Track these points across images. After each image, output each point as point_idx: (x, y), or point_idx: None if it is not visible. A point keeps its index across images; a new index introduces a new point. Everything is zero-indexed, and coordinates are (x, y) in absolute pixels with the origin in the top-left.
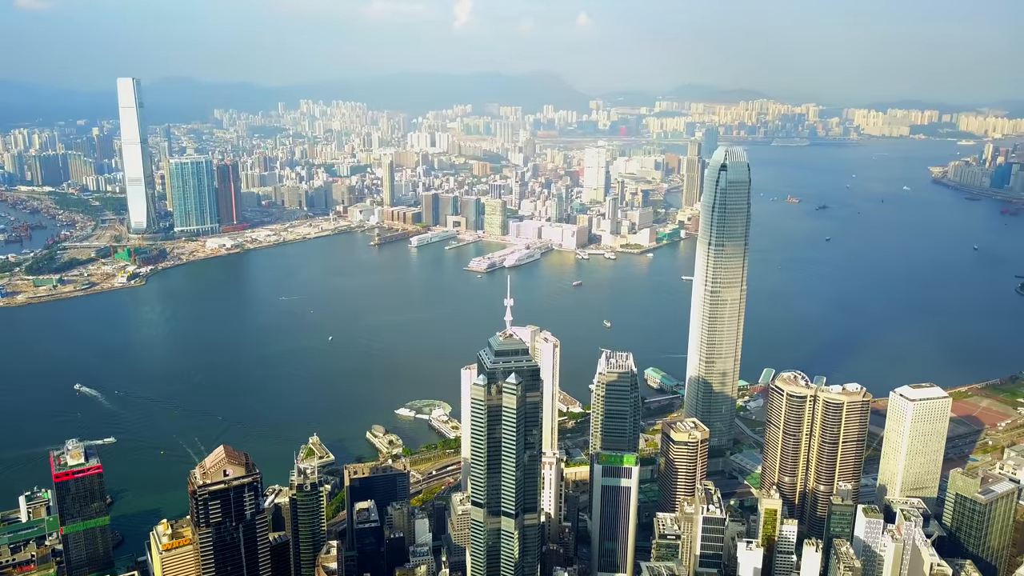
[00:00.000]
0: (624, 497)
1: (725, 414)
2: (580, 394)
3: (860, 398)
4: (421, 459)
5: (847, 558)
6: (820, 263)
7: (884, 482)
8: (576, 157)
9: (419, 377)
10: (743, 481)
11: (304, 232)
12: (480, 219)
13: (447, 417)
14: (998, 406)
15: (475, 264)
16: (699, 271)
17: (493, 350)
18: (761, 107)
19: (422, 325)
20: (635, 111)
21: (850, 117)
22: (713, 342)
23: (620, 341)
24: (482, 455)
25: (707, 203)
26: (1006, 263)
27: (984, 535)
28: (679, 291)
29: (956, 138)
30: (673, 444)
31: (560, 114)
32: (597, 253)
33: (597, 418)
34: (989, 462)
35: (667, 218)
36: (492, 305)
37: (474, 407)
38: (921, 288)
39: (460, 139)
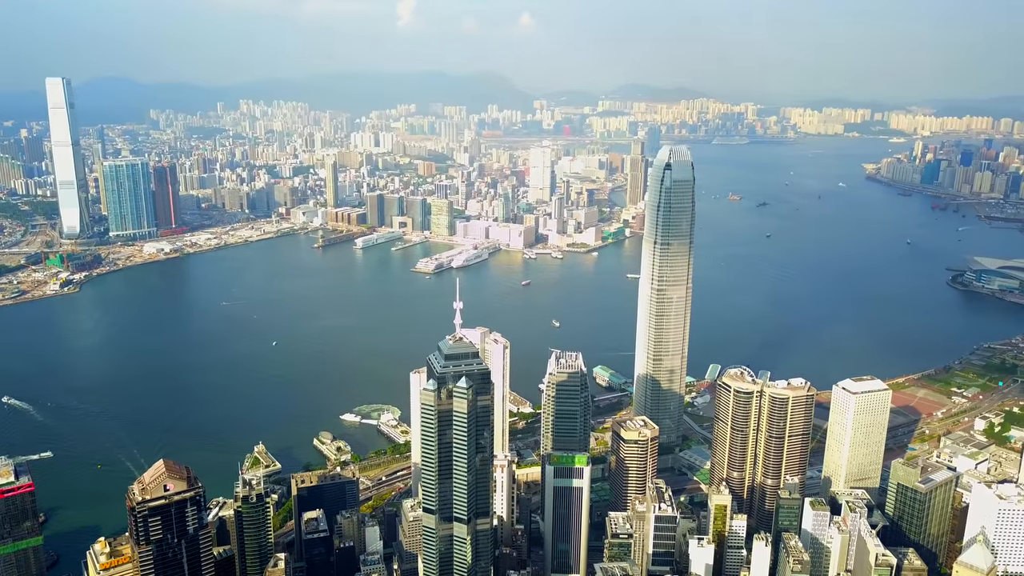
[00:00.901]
0: (576, 497)
1: (673, 411)
2: (530, 394)
3: (804, 392)
4: (370, 465)
5: (796, 552)
6: (761, 259)
7: (829, 474)
8: (521, 157)
9: (367, 381)
10: (692, 477)
11: (246, 235)
12: (426, 219)
13: (396, 422)
14: (934, 396)
15: (422, 265)
16: (645, 269)
17: (443, 354)
18: (702, 106)
19: (369, 328)
20: (579, 111)
21: (787, 116)
22: (660, 340)
23: (569, 340)
24: (433, 460)
25: (652, 202)
26: (937, 257)
27: (925, 523)
28: (625, 289)
29: (888, 136)
30: (624, 443)
31: (505, 114)
32: (545, 253)
33: (548, 418)
34: (927, 451)
35: (612, 217)
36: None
37: (424, 412)
38: (858, 282)
39: (405, 139)
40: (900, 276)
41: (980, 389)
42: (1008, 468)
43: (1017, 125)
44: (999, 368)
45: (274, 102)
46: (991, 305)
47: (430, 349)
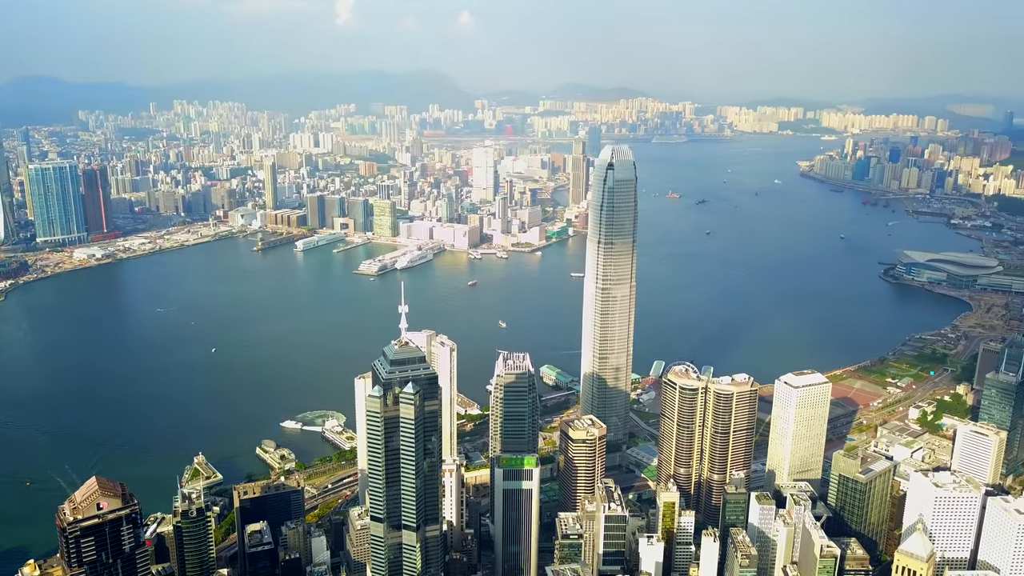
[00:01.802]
0: (526, 499)
1: (620, 408)
2: (478, 396)
3: (748, 388)
4: (316, 473)
5: (743, 546)
6: (702, 256)
7: (773, 467)
8: (464, 156)
9: (311, 387)
10: (640, 474)
11: (182, 239)
12: (369, 220)
13: (341, 428)
14: (870, 387)
15: (365, 267)
16: (590, 269)
17: (388, 359)
18: (641, 105)
19: (312, 332)
20: (520, 110)
21: (724, 114)
22: (606, 338)
23: (516, 340)
24: (380, 467)
25: (595, 202)
26: (869, 251)
27: (865, 512)
28: (570, 288)
29: (820, 134)
30: (572, 443)
31: (446, 113)
32: (489, 253)
33: (496, 420)
34: (865, 441)
35: (555, 216)
36: (385, 309)
37: (370, 419)
38: (796, 276)
39: (345, 139)
40: (835, 270)
41: (913, 379)
42: (941, 455)
43: (940, 123)
44: (930, 358)
45: (209, 102)
46: (921, 297)
47: (375, 353)
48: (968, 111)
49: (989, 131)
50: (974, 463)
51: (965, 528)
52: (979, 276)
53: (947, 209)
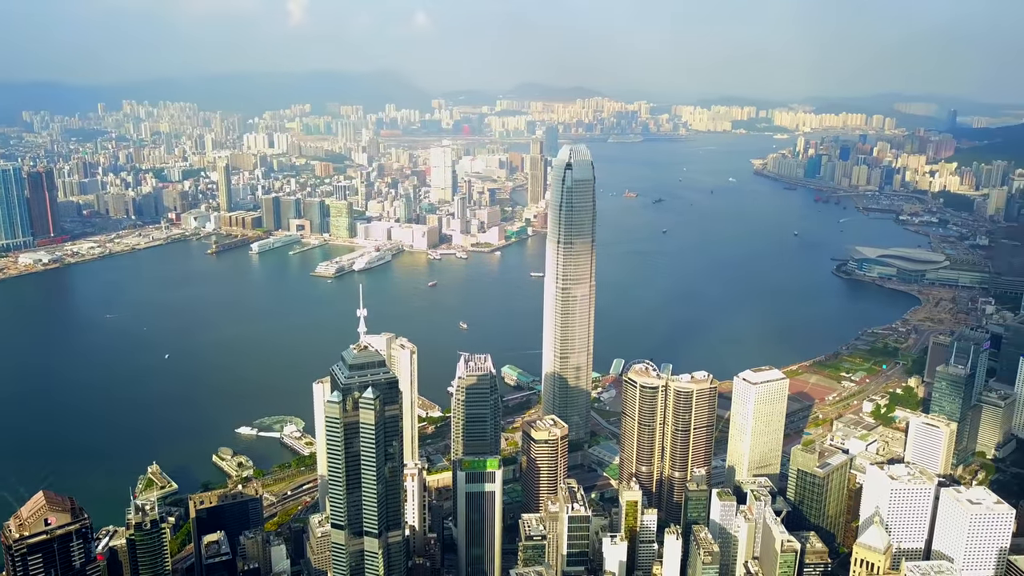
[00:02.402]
0: (489, 502)
1: (581, 407)
2: (439, 398)
3: (708, 385)
4: (274, 480)
5: (706, 543)
6: (659, 254)
7: (732, 463)
8: (422, 156)
9: (268, 393)
10: (602, 473)
11: (133, 243)
12: (325, 221)
13: (300, 433)
14: (825, 381)
15: (322, 269)
16: (550, 268)
17: (347, 364)
18: (597, 105)
19: (269, 336)
20: (477, 110)
21: (678, 114)
22: (566, 338)
23: (476, 341)
24: (340, 474)
25: (554, 202)
26: (822, 247)
27: (823, 506)
28: (530, 288)
29: (772, 132)
30: (534, 443)
31: (403, 113)
32: (449, 253)
33: (458, 423)
34: (821, 435)
35: (514, 216)
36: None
37: (329, 425)
38: (751, 273)
39: (300, 139)
40: (789, 266)
41: (866, 373)
42: (895, 447)
43: (888, 121)
44: (882, 352)
45: (160, 102)
46: (872, 292)
47: (333, 356)
48: (913, 110)
49: (934, 129)
50: (926, 454)
51: (919, 519)
52: (927, 271)
53: (895, 206)
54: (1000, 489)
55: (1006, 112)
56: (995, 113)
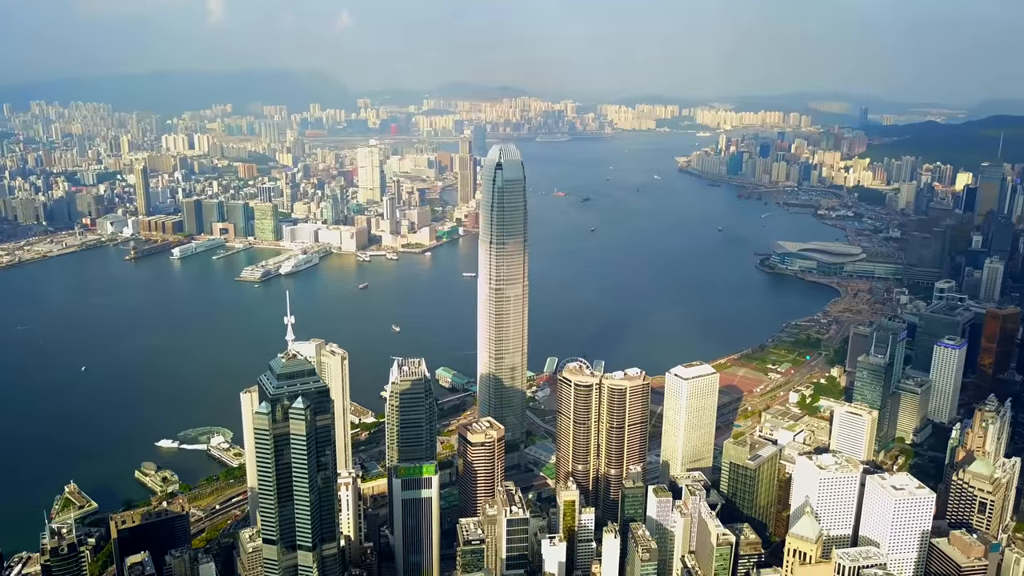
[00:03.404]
0: (426, 508)
1: (517, 408)
2: (372, 403)
3: (641, 382)
4: (202, 494)
5: (643, 540)
6: (588, 252)
7: (667, 458)
8: (348, 156)
9: (194, 403)
10: (539, 473)
11: (44, 250)
12: (250, 224)
13: (228, 444)
14: (752, 374)
15: (248, 273)
16: (483, 269)
17: (275, 374)
18: (524, 104)
19: (193, 345)
20: (404, 109)
21: (604, 113)
22: (501, 338)
23: (410, 344)
24: (271, 487)
25: (486, 202)
26: (746, 242)
27: (755, 497)
28: (463, 288)
29: (695, 130)
30: (471, 446)
31: (328, 113)
32: (379, 254)
33: (392, 429)
34: (750, 427)
35: (445, 216)
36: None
37: (258, 437)
38: (678, 269)
39: (222, 140)
40: (715, 262)
41: (791, 364)
42: (821, 436)
43: (804, 119)
44: (806, 343)
45: (71, 103)
46: (794, 285)
47: (261, 363)
48: (826, 108)
49: (847, 126)
50: (850, 442)
51: (846, 506)
52: (845, 264)
53: (814, 201)
54: (919, 473)
55: (912, 110)
56: (902, 111)
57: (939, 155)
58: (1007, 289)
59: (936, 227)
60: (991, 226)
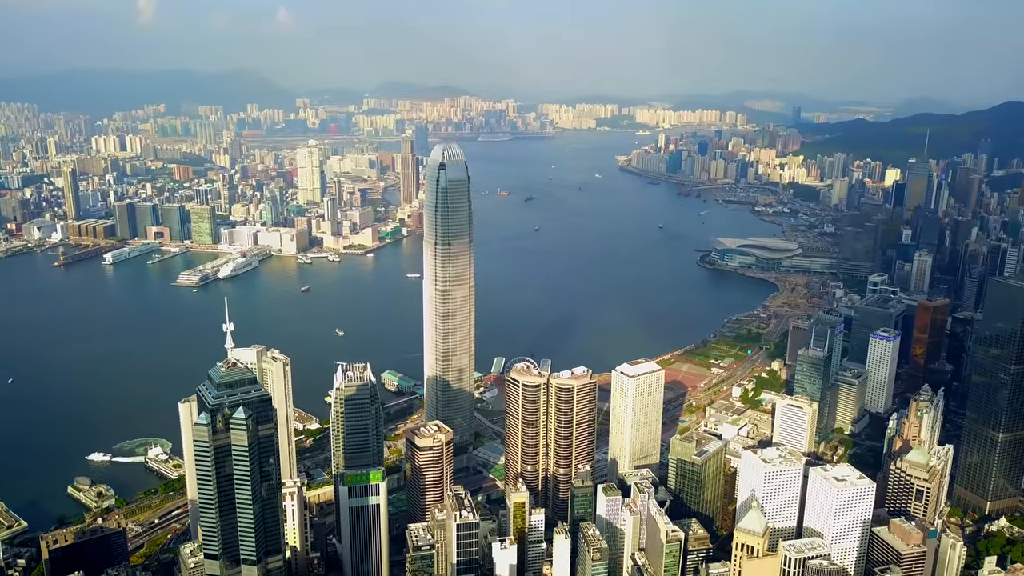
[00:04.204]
0: (374, 515)
1: (465, 410)
2: (316, 408)
3: (588, 381)
4: (140, 508)
5: (594, 540)
6: (533, 252)
7: (614, 456)
8: (287, 157)
9: (129, 415)
10: (488, 474)
11: None
12: (186, 228)
13: (167, 455)
14: (696, 369)
15: (185, 278)
16: (428, 271)
17: (215, 383)
18: (465, 104)
19: (128, 354)
20: (343, 109)
21: (545, 112)
22: (447, 340)
23: (354, 348)
24: (212, 500)
25: (429, 203)
26: (686, 239)
27: (702, 492)
28: (407, 290)
29: (634, 129)
30: (419, 451)
31: (266, 113)
32: (320, 256)
33: (338, 436)
34: (695, 422)
35: (388, 216)
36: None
37: (198, 449)
38: (621, 266)
39: (155, 141)
40: (657, 258)
41: (734, 359)
42: (763, 429)
43: (740, 117)
44: (747, 338)
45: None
46: (734, 281)
47: (200, 371)
48: (761, 106)
49: (781, 124)
50: (792, 434)
51: (791, 499)
52: (783, 259)
53: (751, 197)
54: (858, 462)
55: (842, 108)
56: (833, 109)
57: (869, 152)
58: (935, 281)
59: (868, 222)
60: (919, 220)
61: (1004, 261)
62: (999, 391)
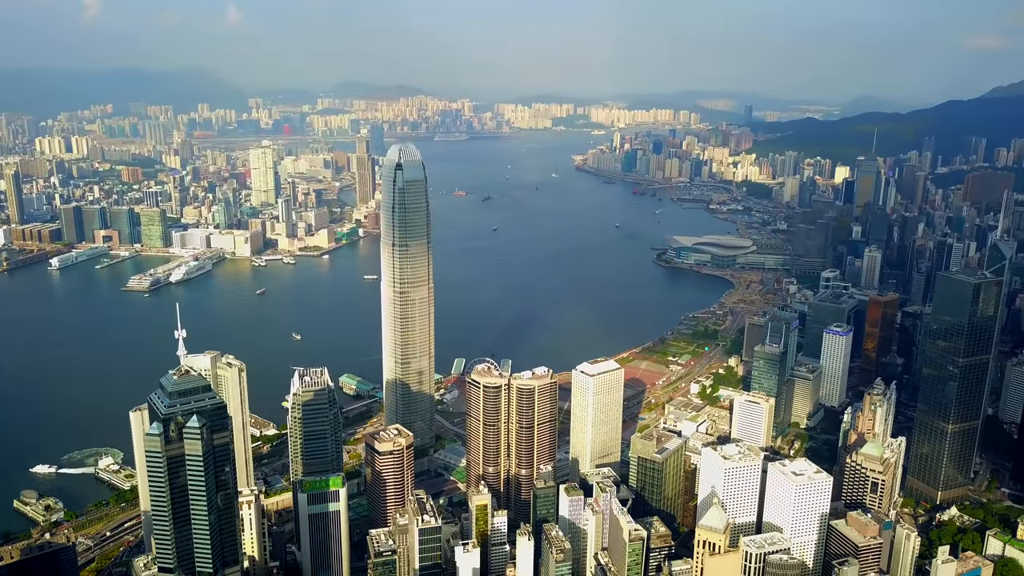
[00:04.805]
0: (334, 522)
1: (425, 412)
2: (273, 414)
3: (548, 381)
4: (90, 521)
5: (557, 541)
6: (491, 252)
7: (576, 455)
8: (240, 158)
9: (79, 424)
10: (449, 477)
11: None
12: (136, 231)
13: (119, 465)
14: (654, 366)
15: (135, 282)
16: (386, 272)
17: (167, 392)
18: (421, 103)
19: (76, 361)
20: (297, 109)
21: (501, 112)
22: (407, 342)
23: (312, 352)
24: (166, 512)
25: (386, 203)
26: (642, 237)
27: (663, 489)
28: (365, 291)
29: (589, 128)
30: (379, 455)
31: (217, 113)
32: (275, 259)
33: (296, 442)
34: (655, 419)
35: (343, 217)
36: (161, 328)
37: (150, 461)
38: (579, 265)
39: (102, 143)
40: (614, 257)
41: (691, 356)
42: (722, 424)
43: (693, 116)
44: (704, 335)
45: None
46: (690, 278)
47: (152, 378)
48: (714, 105)
49: (733, 123)
50: (750, 429)
51: (750, 494)
52: (737, 256)
53: (705, 195)
54: (814, 456)
55: (792, 107)
56: (783, 108)
57: (819, 150)
58: (885, 276)
59: (819, 219)
60: (869, 217)
61: (950, 256)
62: (948, 383)
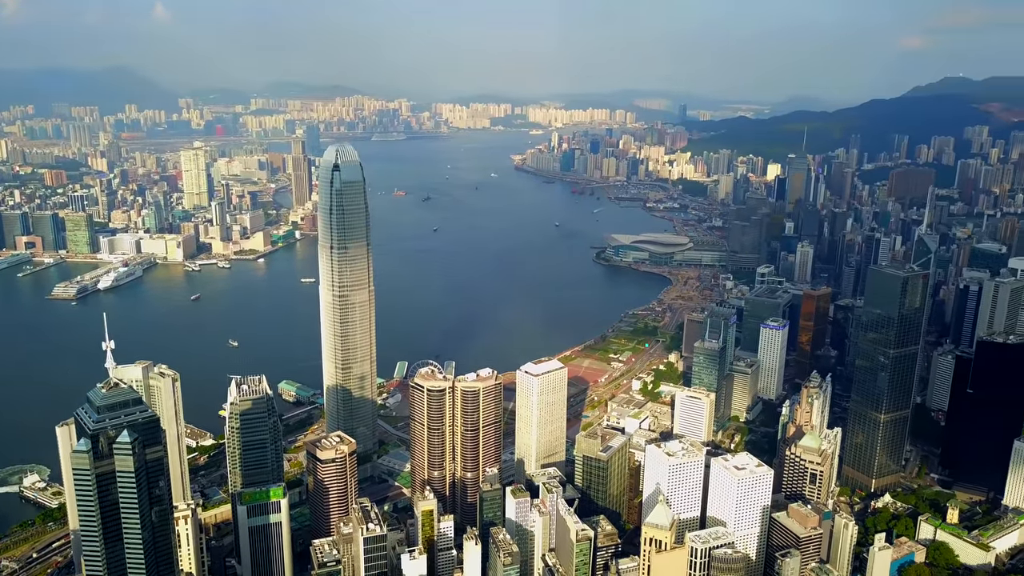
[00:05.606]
0: (275, 533)
1: (368, 418)
2: (210, 423)
3: (493, 382)
4: (15, 542)
5: (505, 544)
6: (432, 252)
7: (521, 455)
8: (171, 160)
9: (1, 441)
10: (394, 482)
11: None
12: (61, 237)
13: (45, 483)
14: (597, 364)
15: (61, 290)
16: (324, 276)
17: (95, 407)
18: (357, 103)
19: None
20: (230, 109)
21: (439, 111)
22: (347, 347)
23: (249, 358)
24: (96, 528)
25: (324, 206)
26: (582, 236)
27: (608, 487)
28: (302, 294)
29: (527, 128)
30: (320, 464)
31: (146, 114)
32: (209, 263)
33: (234, 452)
34: (598, 416)
35: (280, 219)
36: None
37: (78, 479)
38: (520, 265)
39: (23, 145)
40: (554, 256)
41: (632, 352)
42: (664, 420)
43: (629, 115)
44: (644, 331)
45: None
46: (630, 276)
47: (80, 391)
48: (649, 105)
49: (668, 122)
50: (691, 424)
51: (694, 490)
52: (675, 253)
53: (642, 194)
54: (754, 448)
55: (724, 106)
56: (716, 107)
57: (751, 148)
58: (817, 271)
59: (753, 216)
60: (800, 213)
61: (878, 250)
62: (879, 374)
